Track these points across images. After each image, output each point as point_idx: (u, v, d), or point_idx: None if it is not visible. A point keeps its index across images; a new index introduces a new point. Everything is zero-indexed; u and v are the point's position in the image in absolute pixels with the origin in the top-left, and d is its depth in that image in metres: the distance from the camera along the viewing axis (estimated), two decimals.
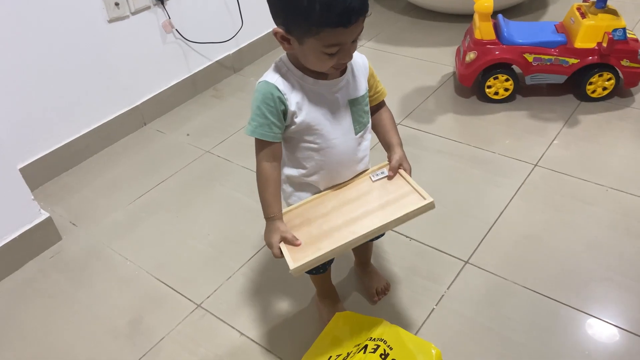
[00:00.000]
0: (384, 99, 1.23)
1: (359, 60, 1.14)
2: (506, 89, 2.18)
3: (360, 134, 1.16)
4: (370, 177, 1.20)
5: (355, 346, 1.23)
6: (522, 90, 2.24)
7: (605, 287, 1.44)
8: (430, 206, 1.07)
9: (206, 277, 1.58)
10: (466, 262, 1.54)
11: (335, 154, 1.14)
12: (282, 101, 1.05)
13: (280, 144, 1.11)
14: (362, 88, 1.15)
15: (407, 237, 1.62)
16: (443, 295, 1.45)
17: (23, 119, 1.91)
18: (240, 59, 2.65)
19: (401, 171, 1.18)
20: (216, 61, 2.53)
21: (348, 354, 1.19)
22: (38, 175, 1.99)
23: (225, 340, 1.39)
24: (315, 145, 1.12)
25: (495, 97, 2.20)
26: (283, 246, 1.07)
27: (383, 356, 1.16)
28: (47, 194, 1.98)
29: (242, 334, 1.41)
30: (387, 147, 1.22)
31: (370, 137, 1.20)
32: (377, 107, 1.23)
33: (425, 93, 2.33)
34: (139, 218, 1.84)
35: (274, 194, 1.10)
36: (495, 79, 2.16)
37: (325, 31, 0.95)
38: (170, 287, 1.57)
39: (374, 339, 1.21)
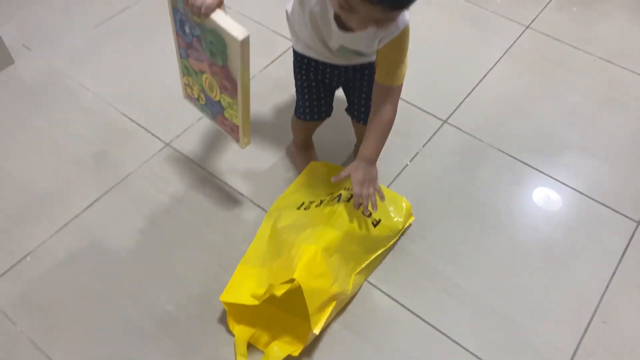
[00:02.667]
0: (393, 87, 1.04)
1: (391, 26, 0.95)
2: None
3: (345, 56, 1.07)
4: None
5: (329, 194, 1.23)
6: None
7: (576, 155, 1.46)
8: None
9: (175, 116, 1.50)
10: (444, 122, 1.52)
11: (313, 49, 1.09)
12: None
13: None
14: (367, 50, 1.02)
15: None
16: (418, 153, 1.45)
17: None
18: None
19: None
20: None
21: (321, 202, 1.19)
22: None
23: (195, 180, 1.37)
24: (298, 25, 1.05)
25: None
26: (222, 14, 0.90)
27: None
28: None
29: (213, 175, 1.38)
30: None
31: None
32: (380, 98, 1.05)
33: None
34: (101, 45, 1.69)
35: None
36: None
37: None
38: (136, 122, 1.49)
39: (348, 188, 1.21)
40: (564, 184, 1.39)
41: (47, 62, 1.64)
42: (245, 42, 0.88)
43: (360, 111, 1.22)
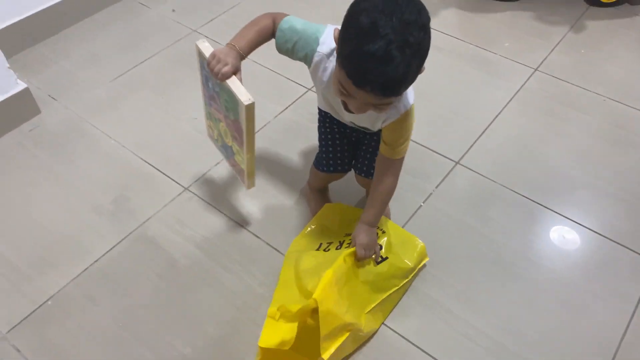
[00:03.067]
0: (394, 160, 1.11)
1: (392, 110, 1.02)
2: None
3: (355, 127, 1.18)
4: None
5: (346, 235, 1.24)
6: None
7: (590, 194, 1.46)
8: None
9: (193, 161, 1.54)
10: (457, 163, 1.54)
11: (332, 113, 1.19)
12: (306, 59, 1.03)
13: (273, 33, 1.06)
14: (374, 127, 1.12)
15: None
16: (431, 194, 1.46)
17: None
18: None
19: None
20: None
21: (341, 244, 1.21)
22: (12, 43, 1.85)
23: (213, 224, 1.40)
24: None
25: None
26: (236, 80, 1.02)
27: None
28: (23, 64, 1.86)
29: (230, 218, 1.41)
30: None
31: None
32: (383, 168, 1.12)
33: None
34: (122, 95, 1.76)
35: (247, 31, 1.04)
36: None
37: (342, 70, 0.87)
38: (156, 168, 1.53)
39: None
40: (578, 223, 1.39)
41: (72, 111, 1.71)
42: (250, 107, 1.00)
43: (363, 164, 1.26)
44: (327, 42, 1.00)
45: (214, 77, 1.03)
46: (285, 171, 1.52)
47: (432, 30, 0.88)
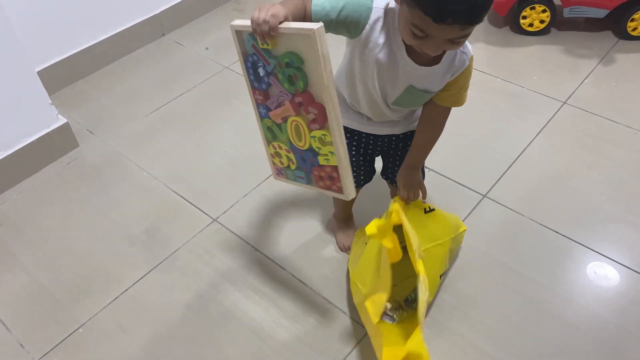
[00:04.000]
0: (448, 108, 1.10)
1: (458, 60, 0.99)
2: (542, 21, 2.07)
3: (395, 107, 1.09)
4: None
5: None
6: (558, 24, 2.13)
7: (622, 229, 1.42)
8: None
9: (222, 193, 1.58)
10: (484, 196, 1.53)
11: (366, 104, 1.10)
12: (357, 24, 0.94)
13: (310, 16, 0.94)
14: (436, 87, 1.03)
15: (425, 167, 1.60)
16: None
17: (41, 21, 1.85)
18: None
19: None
20: None
21: None
22: (55, 80, 1.95)
23: (240, 255, 1.42)
24: (357, 82, 1.06)
25: (530, 29, 2.10)
26: (291, 22, 0.87)
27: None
28: (64, 100, 1.95)
29: (256, 249, 1.43)
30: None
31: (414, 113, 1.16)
32: (437, 116, 1.11)
33: None
34: (156, 130, 1.82)
35: (285, 2, 0.91)
36: (531, 9, 2.05)
37: (416, 10, 0.83)
38: (186, 199, 1.57)
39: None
40: (612, 259, 1.35)
41: (108, 145, 1.78)
42: (320, 32, 0.84)
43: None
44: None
45: (264, 33, 0.87)
46: (311, 204, 1.53)
47: None
